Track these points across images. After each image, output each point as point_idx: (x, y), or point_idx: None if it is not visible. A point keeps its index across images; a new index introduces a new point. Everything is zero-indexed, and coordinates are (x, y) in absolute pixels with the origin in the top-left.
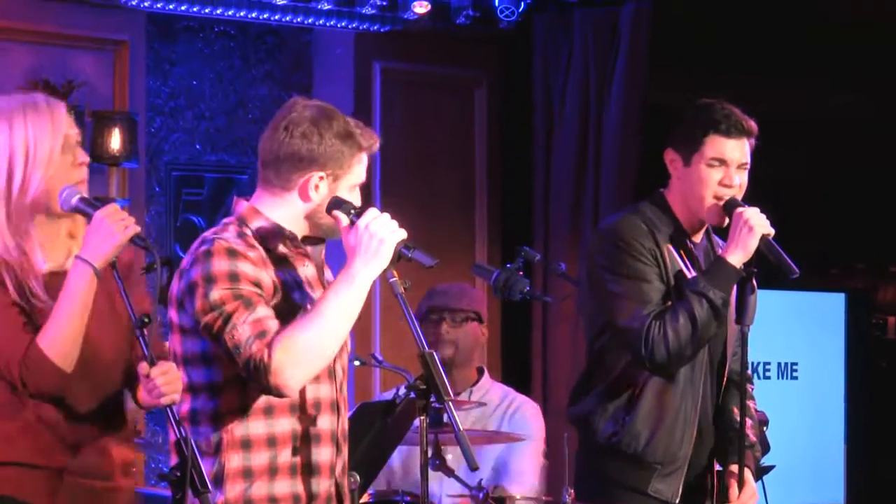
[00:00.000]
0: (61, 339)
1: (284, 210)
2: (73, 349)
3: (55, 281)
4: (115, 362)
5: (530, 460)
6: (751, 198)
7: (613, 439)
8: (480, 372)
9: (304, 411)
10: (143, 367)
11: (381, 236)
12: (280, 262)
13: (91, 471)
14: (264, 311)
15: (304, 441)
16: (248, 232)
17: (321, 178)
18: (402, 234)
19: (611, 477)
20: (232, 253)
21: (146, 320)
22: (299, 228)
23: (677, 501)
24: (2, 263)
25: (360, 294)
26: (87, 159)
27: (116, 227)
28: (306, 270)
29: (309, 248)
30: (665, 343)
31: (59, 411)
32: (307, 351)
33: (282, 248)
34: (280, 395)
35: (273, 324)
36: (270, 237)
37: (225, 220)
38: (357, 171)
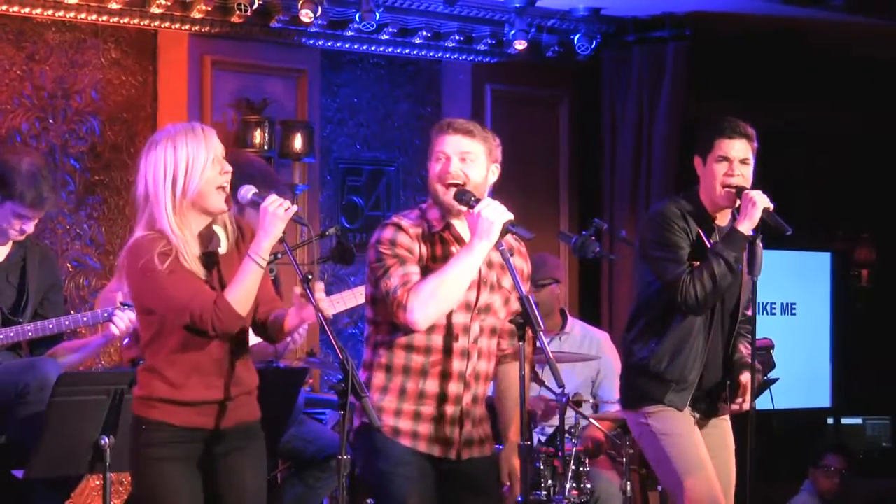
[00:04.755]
0: (242, 295)
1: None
2: (249, 302)
3: (205, 259)
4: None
5: (612, 377)
6: (775, 187)
7: (643, 362)
8: (563, 314)
9: (433, 353)
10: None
11: (491, 220)
12: (442, 242)
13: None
14: (414, 269)
15: (431, 375)
16: (424, 218)
17: None
18: (509, 216)
19: (640, 389)
20: (397, 227)
21: (309, 277)
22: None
23: (685, 409)
24: (173, 243)
25: (476, 261)
26: (229, 169)
27: (279, 211)
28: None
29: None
30: (694, 291)
31: (226, 348)
32: (432, 296)
33: (445, 233)
34: (410, 330)
35: (416, 278)
36: (436, 222)
37: (418, 206)
38: None
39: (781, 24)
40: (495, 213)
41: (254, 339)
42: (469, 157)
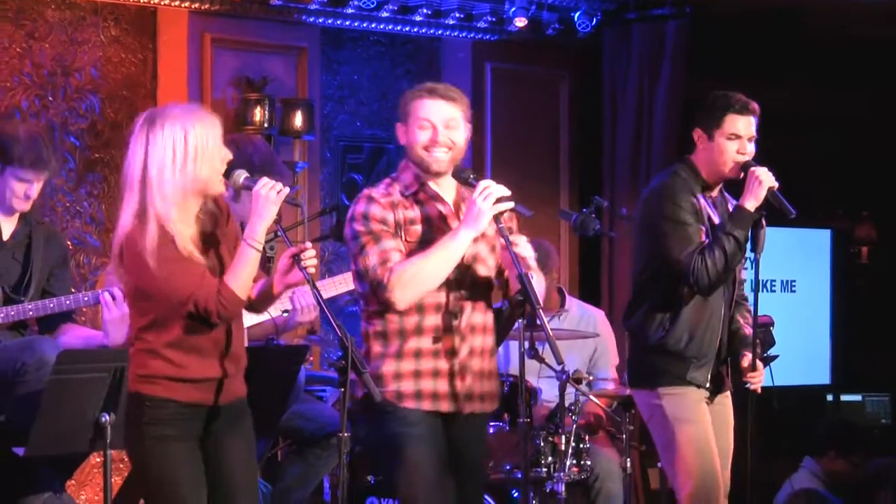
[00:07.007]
0: (243, 281)
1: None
2: (249, 286)
3: (199, 241)
4: None
5: (607, 356)
6: (776, 165)
7: (661, 341)
8: (562, 293)
9: (426, 310)
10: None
11: (482, 209)
12: (418, 203)
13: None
14: (390, 244)
15: (426, 332)
16: (396, 183)
17: None
18: (507, 195)
19: (659, 368)
20: (369, 199)
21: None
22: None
23: (707, 385)
24: (168, 230)
25: (460, 247)
26: (229, 156)
27: (271, 194)
28: (433, 210)
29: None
30: (706, 271)
31: (226, 328)
32: (413, 278)
33: (420, 194)
34: (391, 308)
35: (395, 255)
36: (409, 185)
37: (388, 176)
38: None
39: (782, 3)
40: (486, 204)
41: (255, 319)
42: (452, 124)
